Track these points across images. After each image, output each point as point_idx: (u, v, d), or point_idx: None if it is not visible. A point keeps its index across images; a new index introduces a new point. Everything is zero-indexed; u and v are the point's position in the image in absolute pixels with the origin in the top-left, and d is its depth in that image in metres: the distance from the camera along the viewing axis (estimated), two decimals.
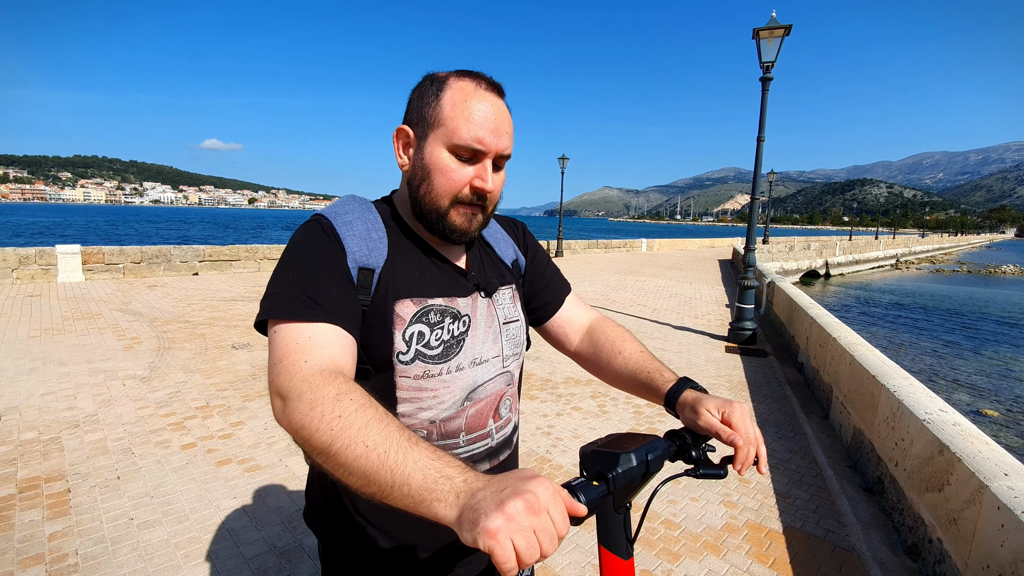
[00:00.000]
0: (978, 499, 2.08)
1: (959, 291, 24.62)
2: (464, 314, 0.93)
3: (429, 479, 0.59)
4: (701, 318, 8.98)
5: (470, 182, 0.86)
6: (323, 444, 0.65)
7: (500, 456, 1.00)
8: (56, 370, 4.86)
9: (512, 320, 1.02)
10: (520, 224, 1.16)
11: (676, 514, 2.91)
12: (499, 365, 0.98)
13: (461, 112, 0.84)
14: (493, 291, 0.99)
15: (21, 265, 9.77)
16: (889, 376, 3.36)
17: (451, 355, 0.90)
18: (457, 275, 0.96)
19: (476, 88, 0.86)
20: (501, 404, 0.99)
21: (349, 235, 0.86)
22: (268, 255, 12.84)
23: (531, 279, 1.12)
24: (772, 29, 6.59)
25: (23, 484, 2.92)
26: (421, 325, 0.88)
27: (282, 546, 2.49)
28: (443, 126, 0.85)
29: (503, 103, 0.88)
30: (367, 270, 0.86)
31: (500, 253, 1.07)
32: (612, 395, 4.82)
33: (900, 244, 43.11)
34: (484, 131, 0.84)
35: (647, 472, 0.77)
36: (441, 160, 0.86)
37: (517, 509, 0.52)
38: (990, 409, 7.78)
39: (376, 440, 0.63)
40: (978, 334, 14.18)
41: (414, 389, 0.88)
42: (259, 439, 3.60)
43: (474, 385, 0.94)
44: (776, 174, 31.41)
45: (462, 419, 0.93)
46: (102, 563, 2.32)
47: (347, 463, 0.63)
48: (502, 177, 0.91)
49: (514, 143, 0.93)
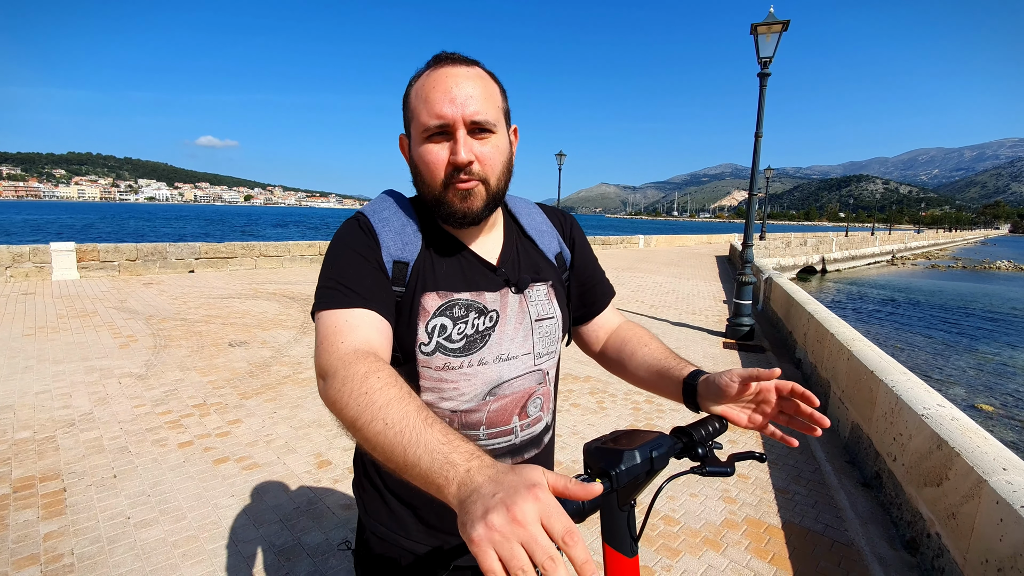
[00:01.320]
0: (977, 494, 2.08)
1: (954, 287, 24.73)
2: (491, 309, 0.94)
3: (437, 463, 0.60)
4: (699, 314, 8.99)
5: (448, 160, 0.86)
6: (350, 419, 0.69)
7: (524, 454, 0.99)
8: (51, 368, 4.82)
9: (546, 317, 1.00)
10: (569, 217, 1.14)
11: (675, 510, 2.91)
12: (530, 363, 0.98)
13: (421, 97, 0.85)
14: (524, 287, 0.98)
15: (15, 263, 9.70)
16: (887, 371, 3.37)
17: (474, 349, 0.92)
18: (487, 270, 0.96)
19: (433, 70, 0.86)
20: (530, 402, 0.98)
21: (385, 231, 0.91)
22: (265, 252, 12.78)
23: (576, 275, 1.10)
24: (770, 25, 6.58)
25: (18, 483, 2.90)
26: (444, 318, 0.90)
27: (280, 544, 2.48)
28: (415, 119, 0.87)
29: (469, 70, 0.86)
30: (401, 263, 0.90)
31: (542, 246, 1.05)
32: (610, 392, 4.82)
33: (896, 240, 43.26)
34: (441, 104, 0.83)
35: (651, 469, 0.75)
36: (419, 150, 0.87)
37: (500, 522, 0.50)
38: (986, 404, 7.82)
39: (394, 419, 0.66)
40: (973, 329, 14.25)
41: (435, 380, 0.91)
42: (257, 437, 3.58)
43: (498, 381, 0.94)
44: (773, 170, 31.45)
45: (483, 413, 0.93)
46: (98, 563, 2.30)
47: (369, 438, 0.67)
48: (493, 144, 0.87)
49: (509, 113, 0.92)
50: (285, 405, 4.16)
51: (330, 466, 3.23)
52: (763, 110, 6.98)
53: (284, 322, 7.05)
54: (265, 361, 5.30)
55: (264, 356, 5.46)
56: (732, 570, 2.44)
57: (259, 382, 4.67)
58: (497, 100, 0.89)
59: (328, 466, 3.23)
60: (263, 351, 5.65)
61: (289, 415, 3.97)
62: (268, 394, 4.39)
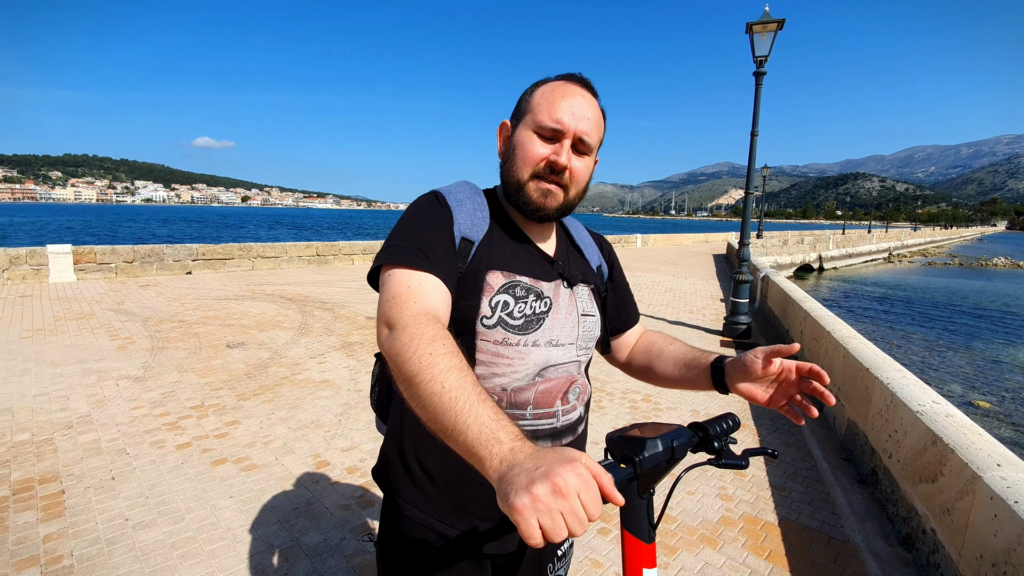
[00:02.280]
0: (971, 489, 2.10)
1: (951, 284, 24.81)
2: (547, 296, 1.01)
3: (484, 436, 0.64)
4: (696, 313, 9.02)
5: (547, 157, 0.94)
6: (410, 373, 0.73)
7: (562, 440, 1.03)
8: (49, 371, 4.82)
9: (589, 315, 1.08)
10: (607, 241, 1.27)
11: (673, 507, 2.92)
12: (573, 352, 1.04)
13: (547, 100, 0.95)
14: (575, 283, 1.06)
15: (12, 265, 9.67)
16: (883, 368, 3.39)
17: (530, 330, 0.97)
18: (544, 261, 1.04)
19: (565, 83, 0.97)
20: (571, 389, 1.03)
21: (458, 209, 0.98)
22: (262, 253, 12.76)
23: (613, 291, 1.22)
24: (765, 23, 6.60)
25: (17, 486, 2.90)
26: (507, 295, 0.96)
27: (279, 545, 2.49)
28: (531, 113, 0.96)
29: (591, 97, 0.97)
30: (468, 241, 0.96)
31: (588, 256, 1.16)
32: (608, 390, 4.83)
33: (893, 238, 43.41)
34: (563, 113, 0.93)
35: (672, 458, 0.79)
36: (524, 137, 0.96)
37: (544, 491, 0.55)
38: (982, 400, 7.85)
39: (452, 384, 0.70)
40: (968, 326, 14.31)
41: (492, 354, 0.95)
42: (255, 438, 3.58)
43: (548, 363, 0.99)
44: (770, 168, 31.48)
45: (531, 392, 0.98)
46: (97, 564, 2.30)
47: (424, 396, 0.71)
48: (585, 163, 0.98)
49: (602, 144, 1.03)
50: (283, 406, 4.17)
51: (328, 467, 3.23)
52: (759, 108, 7.00)
53: (282, 323, 7.05)
54: (263, 362, 5.30)
55: (262, 357, 5.46)
56: (729, 567, 2.45)
57: (257, 383, 4.67)
58: (601, 131, 1.01)
59: (326, 467, 3.23)
60: (261, 352, 5.65)
61: (287, 416, 3.97)
62: (266, 395, 4.39)
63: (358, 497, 2.91)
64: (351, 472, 3.17)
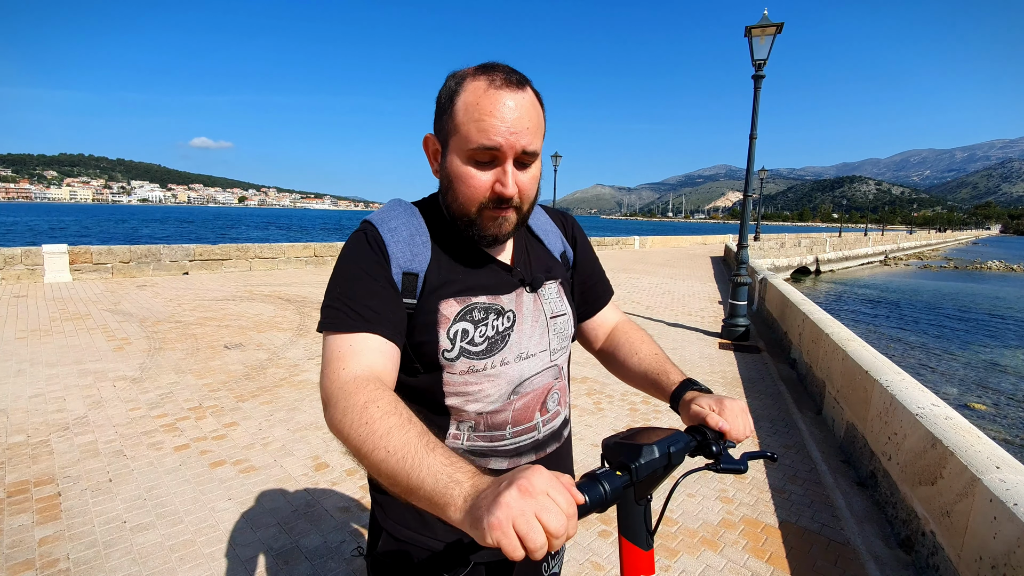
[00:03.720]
0: (970, 492, 2.10)
1: (946, 287, 24.94)
2: (508, 310, 0.95)
3: (440, 484, 0.63)
4: (694, 315, 9.03)
5: (491, 187, 0.85)
6: (355, 448, 0.72)
7: (547, 448, 1.01)
8: (44, 372, 4.78)
9: (559, 314, 1.03)
10: (569, 217, 1.17)
11: (673, 510, 2.92)
12: (546, 359, 0.99)
13: (473, 116, 0.81)
14: (539, 286, 1.00)
15: (6, 265, 9.61)
16: (882, 371, 3.39)
17: (496, 350, 0.92)
18: (501, 271, 0.97)
19: (488, 87, 0.82)
20: (548, 398, 1.00)
21: (394, 241, 0.90)
22: (260, 254, 12.72)
23: (578, 274, 1.14)
24: (764, 27, 6.62)
25: (11, 488, 2.87)
26: (465, 323, 0.90)
27: (278, 547, 2.47)
28: (458, 133, 0.84)
29: (524, 95, 0.84)
30: (411, 274, 0.90)
31: (549, 245, 1.08)
32: (607, 392, 4.83)
33: (889, 241, 43.60)
34: (498, 134, 0.81)
35: (669, 464, 0.78)
36: (460, 169, 0.85)
37: (512, 496, 0.55)
38: (978, 403, 7.89)
39: (395, 446, 0.68)
40: (965, 329, 14.38)
41: (460, 384, 0.91)
42: (253, 440, 3.56)
43: (520, 379, 0.95)
44: (767, 171, 31.62)
45: (508, 412, 0.95)
46: (95, 567, 2.28)
47: (373, 466, 0.70)
48: (532, 173, 0.88)
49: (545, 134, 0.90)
50: (282, 408, 4.15)
51: (327, 468, 3.22)
52: (757, 111, 7.02)
53: (280, 324, 7.02)
54: (261, 363, 5.27)
55: (260, 358, 5.44)
56: (730, 569, 2.45)
57: (255, 384, 4.65)
58: (543, 127, 0.89)
59: (325, 468, 3.22)
60: (259, 353, 5.62)
61: (286, 417, 3.96)
62: (264, 396, 4.37)
63: (358, 499, 2.90)
64: (350, 474, 3.16)
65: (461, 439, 0.94)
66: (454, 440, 0.94)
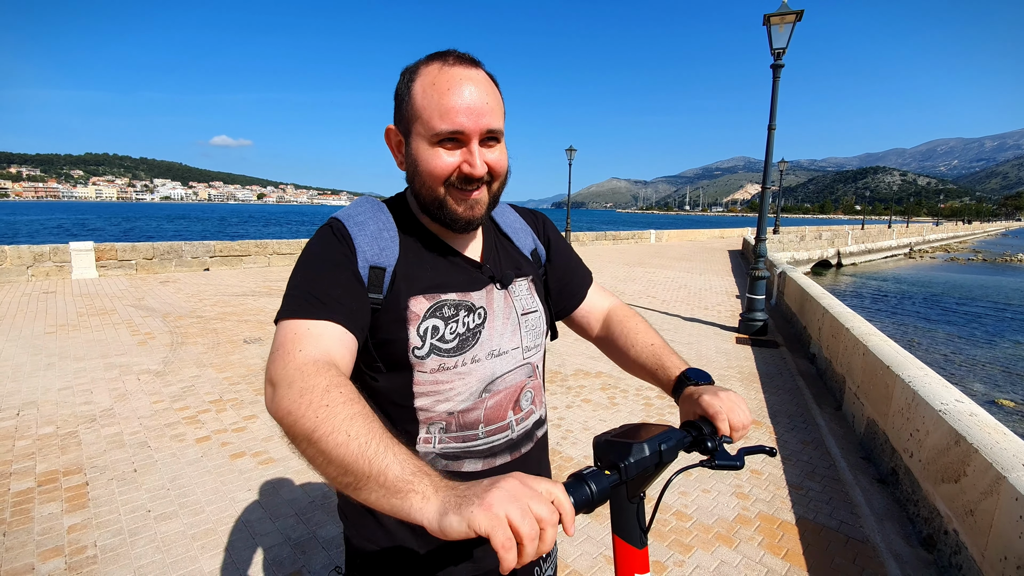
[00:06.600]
0: (995, 490, 2.05)
1: (974, 280, 24.23)
2: (479, 306, 0.93)
3: (407, 471, 0.60)
4: (711, 309, 8.92)
5: (458, 168, 0.84)
6: (307, 430, 0.65)
7: (521, 449, 0.98)
8: (72, 365, 4.93)
9: (531, 311, 1.01)
10: (540, 215, 1.17)
11: (688, 505, 2.90)
12: (519, 357, 0.98)
13: (432, 99, 0.81)
14: (508, 283, 0.99)
15: (36, 262, 9.91)
16: (904, 366, 3.32)
17: (467, 347, 0.91)
18: (471, 268, 0.96)
19: (442, 70, 0.82)
20: (522, 396, 0.98)
21: (360, 235, 0.88)
22: (278, 250, 12.91)
23: (554, 270, 1.12)
24: (783, 15, 6.47)
25: (42, 478, 2.98)
26: (435, 320, 0.89)
27: (296, 537, 2.52)
28: (419, 119, 0.83)
29: (478, 75, 0.84)
30: (378, 268, 0.87)
31: (519, 243, 1.07)
32: (621, 387, 4.81)
33: (914, 233, 42.49)
34: (459, 115, 0.81)
35: (660, 462, 0.76)
36: (426, 154, 0.85)
37: (508, 486, 0.55)
38: (1006, 399, 7.67)
39: (359, 431, 0.64)
40: (993, 323, 13.96)
41: (430, 383, 0.89)
42: (272, 432, 3.63)
43: (492, 377, 0.93)
44: (787, 163, 31.01)
45: (480, 411, 0.92)
46: (120, 555, 2.36)
47: (327, 450, 0.63)
48: (499, 152, 0.87)
49: (505, 117, 0.89)
50: None
51: None
52: (776, 102, 6.88)
53: None
54: None
55: None
56: (745, 566, 2.43)
57: None
58: (502, 106, 0.88)
59: None
60: None
61: None
62: None
63: None
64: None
65: (432, 442, 0.91)
66: (425, 444, 0.91)
